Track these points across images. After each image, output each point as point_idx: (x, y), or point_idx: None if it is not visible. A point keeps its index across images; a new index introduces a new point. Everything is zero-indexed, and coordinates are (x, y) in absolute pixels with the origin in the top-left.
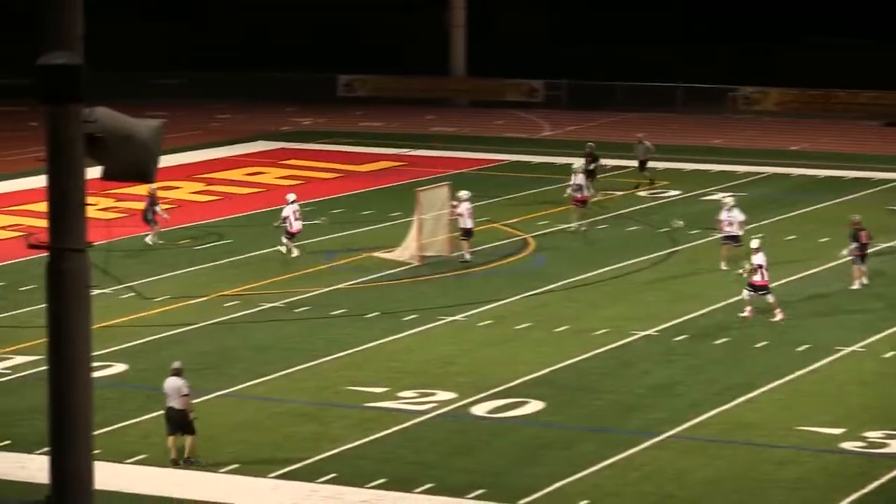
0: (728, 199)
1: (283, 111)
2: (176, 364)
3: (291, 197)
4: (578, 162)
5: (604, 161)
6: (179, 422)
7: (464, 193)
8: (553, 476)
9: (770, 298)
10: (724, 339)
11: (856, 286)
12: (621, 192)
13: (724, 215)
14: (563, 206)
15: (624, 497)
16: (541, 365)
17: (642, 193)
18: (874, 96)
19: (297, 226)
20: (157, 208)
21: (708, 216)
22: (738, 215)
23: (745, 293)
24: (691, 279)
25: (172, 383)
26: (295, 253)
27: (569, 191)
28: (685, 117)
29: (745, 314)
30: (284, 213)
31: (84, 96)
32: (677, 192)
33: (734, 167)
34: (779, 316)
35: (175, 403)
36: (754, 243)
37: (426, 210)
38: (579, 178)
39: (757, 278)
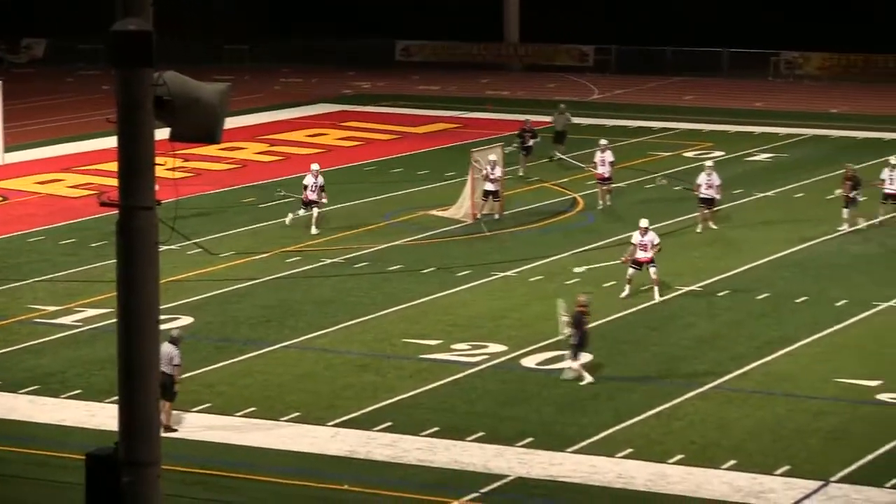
0: (708, 162)
1: (343, 76)
2: (174, 332)
3: (316, 166)
4: (604, 140)
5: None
6: (164, 387)
7: (493, 157)
8: (599, 425)
9: (653, 275)
10: (766, 295)
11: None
12: (667, 153)
13: (702, 178)
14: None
15: (668, 445)
16: (589, 319)
17: (688, 154)
18: None
19: (312, 196)
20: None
21: (749, 177)
22: (716, 179)
23: (630, 271)
24: (734, 237)
25: (166, 349)
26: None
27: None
28: (729, 81)
29: (626, 294)
30: (320, 182)
31: (154, 61)
32: (721, 154)
33: (776, 129)
34: (656, 296)
35: (166, 369)
36: (643, 222)
37: (478, 171)
38: (607, 155)
39: (640, 255)
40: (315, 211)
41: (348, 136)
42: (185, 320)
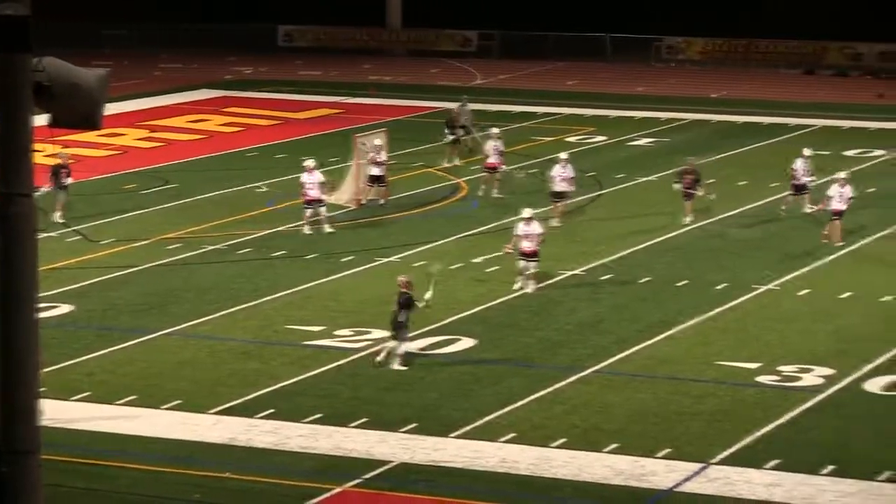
0: (563, 154)
1: (225, 61)
2: None
3: (311, 162)
4: (495, 129)
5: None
6: None
7: (378, 141)
8: (483, 410)
9: (531, 268)
10: (647, 279)
11: (686, 220)
12: (550, 138)
13: (556, 170)
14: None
15: (550, 429)
16: (472, 304)
17: (571, 139)
18: (794, 45)
19: (313, 193)
20: (68, 181)
21: (631, 162)
22: (570, 171)
23: (520, 263)
24: (616, 221)
25: None
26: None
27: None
28: (612, 66)
29: (519, 285)
30: (318, 178)
31: (32, 46)
32: (603, 138)
33: (658, 114)
34: (531, 287)
35: None
36: (527, 212)
37: (363, 155)
38: (498, 144)
39: (525, 245)
40: (322, 209)
41: (230, 122)
42: (66, 308)
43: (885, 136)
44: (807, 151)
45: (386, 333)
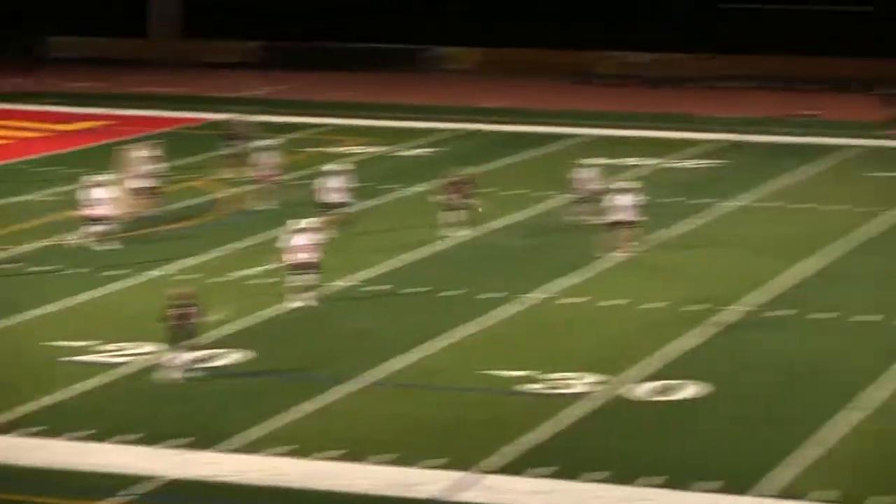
0: (333, 165)
1: None
2: None
3: (97, 177)
4: (266, 140)
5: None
6: None
7: (141, 153)
8: (255, 422)
9: (307, 280)
10: (422, 288)
11: (457, 231)
12: (327, 149)
13: (326, 182)
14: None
15: (323, 441)
16: (247, 316)
17: (345, 149)
18: (568, 55)
19: (103, 210)
20: None
21: (406, 171)
22: (343, 182)
23: (292, 279)
24: (390, 232)
25: None
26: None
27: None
28: (388, 76)
29: (305, 302)
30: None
31: None
32: (377, 149)
33: (434, 124)
34: (306, 299)
35: None
36: (298, 224)
37: (132, 168)
38: (267, 155)
39: (301, 257)
40: (107, 225)
41: None
42: None
43: (657, 144)
44: (585, 161)
45: (158, 347)
